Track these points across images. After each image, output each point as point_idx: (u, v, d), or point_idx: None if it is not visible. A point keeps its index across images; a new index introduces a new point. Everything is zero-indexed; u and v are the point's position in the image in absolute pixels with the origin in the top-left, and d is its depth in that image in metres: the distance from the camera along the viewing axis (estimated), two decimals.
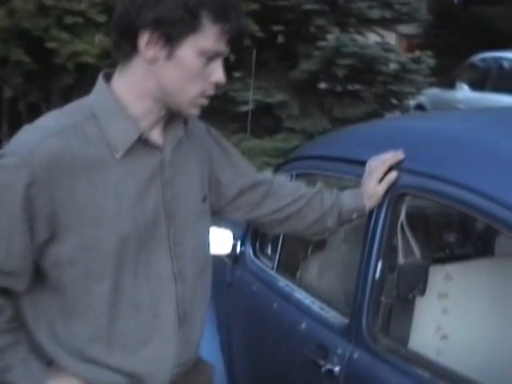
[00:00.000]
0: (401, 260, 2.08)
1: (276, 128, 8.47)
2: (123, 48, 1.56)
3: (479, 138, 2.04)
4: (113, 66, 1.65)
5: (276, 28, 8.96)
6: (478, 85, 12.36)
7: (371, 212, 2.07)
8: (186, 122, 1.69)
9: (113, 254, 1.55)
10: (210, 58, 1.55)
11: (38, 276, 1.57)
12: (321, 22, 8.30)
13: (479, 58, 13.00)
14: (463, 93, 12.52)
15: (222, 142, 1.93)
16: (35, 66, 6.70)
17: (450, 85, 13.09)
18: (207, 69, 1.56)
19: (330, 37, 7.93)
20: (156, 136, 1.64)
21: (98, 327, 1.59)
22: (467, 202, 1.77)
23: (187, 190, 1.71)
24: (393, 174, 2.01)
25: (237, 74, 8.88)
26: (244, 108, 7.97)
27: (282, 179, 2.17)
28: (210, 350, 3.14)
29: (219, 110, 8.29)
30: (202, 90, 1.59)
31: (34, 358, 1.59)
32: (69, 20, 6.47)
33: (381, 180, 2.02)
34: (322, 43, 7.96)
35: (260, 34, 8.17)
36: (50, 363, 1.61)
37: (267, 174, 2.12)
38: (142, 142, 1.58)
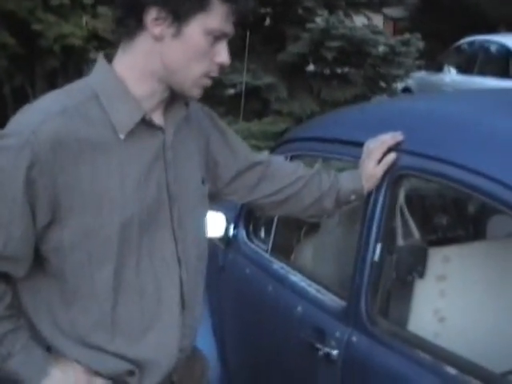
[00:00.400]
0: (400, 242, 2.07)
1: (264, 111, 8.43)
2: (128, 24, 1.52)
3: (479, 119, 2.02)
4: (100, 48, 1.61)
5: (263, 10, 8.90)
6: (465, 68, 12.40)
7: (370, 194, 2.04)
8: (187, 103, 1.67)
9: (116, 237, 1.51)
10: (216, 38, 1.53)
11: (38, 262, 1.53)
12: (309, 3, 8.25)
13: (466, 41, 13.02)
14: (450, 76, 12.55)
15: (219, 123, 1.90)
16: (20, 49, 6.60)
17: (437, 68, 13.11)
18: (213, 49, 1.54)
19: (318, 19, 7.87)
20: (157, 117, 1.61)
21: (101, 314, 1.56)
22: (467, 182, 1.76)
23: (188, 171, 1.69)
24: (391, 156, 1.98)
25: None
26: (231, 91, 7.92)
27: (280, 160, 2.14)
28: (203, 335, 3.11)
29: (207, 93, 8.12)
30: (207, 70, 1.56)
31: (35, 344, 1.56)
32: (55, 1, 6.37)
33: (379, 161, 2.00)
34: (310, 25, 7.90)
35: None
36: (48, 349, 1.58)
37: (264, 154, 2.09)
38: (145, 123, 1.55)
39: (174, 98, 1.63)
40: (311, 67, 8.91)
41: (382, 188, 2.01)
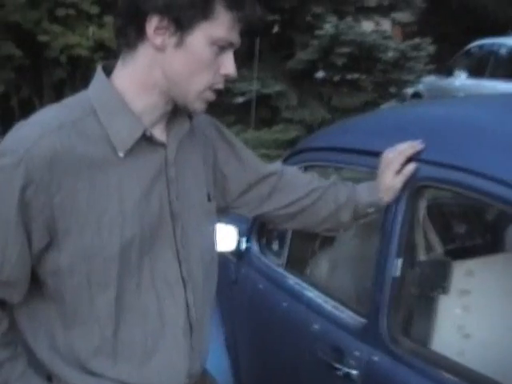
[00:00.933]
0: (421, 256, 1.98)
1: (274, 119, 8.37)
2: (129, 35, 1.44)
3: (499, 126, 1.93)
4: (106, 58, 1.53)
5: (272, 17, 8.85)
6: (475, 72, 12.30)
7: (388, 206, 1.96)
8: (190, 116, 1.58)
9: (117, 259, 1.43)
10: (221, 48, 1.44)
11: (36, 285, 1.45)
12: (318, 9, 8.19)
13: (476, 44, 12.95)
14: (461, 80, 12.45)
15: (226, 134, 1.81)
16: (27, 61, 6.58)
17: (447, 72, 13.02)
18: (218, 60, 1.46)
19: (327, 25, 7.80)
20: (160, 132, 1.52)
21: (102, 339, 1.47)
22: (489, 192, 1.67)
23: (193, 188, 1.61)
24: (411, 166, 1.89)
25: None
26: (240, 99, 7.86)
27: (294, 170, 2.05)
28: (215, 351, 3.06)
29: (215, 101, 8.15)
30: (211, 83, 1.48)
31: (33, 373, 1.48)
32: (60, 12, 6.34)
33: (398, 172, 1.91)
34: (319, 32, 7.84)
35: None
36: (49, 378, 1.50)
37: (276, 165, 1.99)
38: (146, 138, 1.47)
39: (176, 111, 1.54)
40: (321, 74, 8.85)
41: (401, 200, 1.93)
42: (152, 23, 1.39)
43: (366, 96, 8.46)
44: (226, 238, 2.82)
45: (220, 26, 1.41)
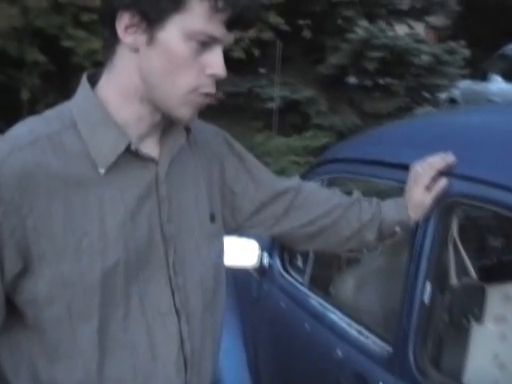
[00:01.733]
0: (453, 280, 1.83)
1: (304, 125, 8.25)
2: (105, 36, 1.32)
3: None
4: None
5: (302, 22, 8.73)
6: (510, 75, 12.05)
7: (417, 225, 1.81)
8: (187, 128, 1.44)
9: (99, 288, 1.29)
10: (203, 43, 1.28)
11: (17, 315, 1.31)
12: (348, 13, 8.06)
13: (511, 48, 12.68)
14: (497, 85, 12.20)
15: (236, 148, 1.65)
16: (52, 66, 6.54)
17: (482, 77, 12.80)
18: (202, 58, 1.29)
19: (358, 29, 7.66)
20: (151, 146, 1.38)
21: (86, 373, 1.33)
22: None
23: (191, 208, 1.45)
24: (442, 181, 1.75)
25: (262, 70, 8.69)
26: (269, 105, 7.76)
27: (313, 186, 1.90)
28: (236, 368, 2.96)
29: (243, 107, 8.12)
30: (195, 85, 1.31)
31: None
32: (85, 17, 6.30)
33: (428, 188, 1.76)
34: (350, 35, 7.71)
35: (285, 28, 7.97)
36: None
37: (293, 180, 1.84)
38: (132, 153, 1.33)
39: (172, 122, 1.40)
40: (352, 79, 8.71)
41: (431, 218, 1.78)
42: (122, 21, 1.26)
43: (399, 101, 8.30)
44: (247, 252, 2.70)
45: (195, 17, 1.25)
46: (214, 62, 1.30)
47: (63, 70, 6.60)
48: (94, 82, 1.35)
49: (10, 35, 6.07)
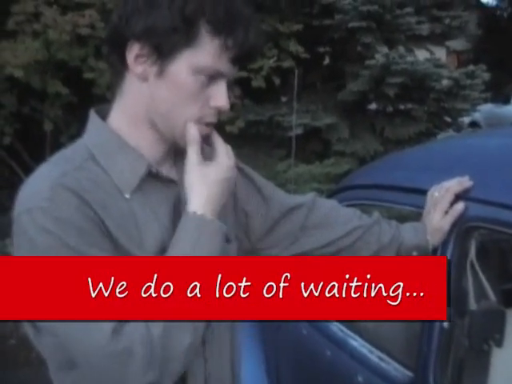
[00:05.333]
0: (472, 305, 1.80)
1: (325, 152, 8.22)
2: (114, 64, 1.35)
3: None
4: None
5: (322, 49, 8.75)
6: None
7: (435, 249, 1.80)
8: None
9: None
10: (210, 77, 1.31)
11: None
12: (367, 39, 8.03)
13: None
14: None
15: (246, 170, 1.66)
16: (74, 98, 6.60)
17: (504, 100, 12.75)
18: (207, 91, 1.32)
19: (378, 55, 7.66)
20: (168, 169, 1.41)
21: None
22: None
23: None
24: (460, 205, 1.75)
25: (283, 98, 8.70)
26: (291, 133, 7.75)
27: (332, 203, 1.85)
28: None
29: (265, 135, 8.11)
30: (200, 116, 1.34)
31: None
32: (106, 49, 6.26)
33: (446, 212, 1.76)
34: (370, 62, 7.69)
35: (305, 56, 7.99)
36: None
37: (307, 196, 1.78)
38: (153, 176, 1.35)
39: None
40: (372, 105, 8.68)
41: (449, 242, 1.78)
42: (132, 51, 1.29)
43: (420, 126, 8.24)
44: None
45: (205, 53, 1.28)
46: (219, 95, 1.33)
47: (85, 102, 6.64)
48: (102, 116, 1.37)
49: (33, 68, 6.13)
